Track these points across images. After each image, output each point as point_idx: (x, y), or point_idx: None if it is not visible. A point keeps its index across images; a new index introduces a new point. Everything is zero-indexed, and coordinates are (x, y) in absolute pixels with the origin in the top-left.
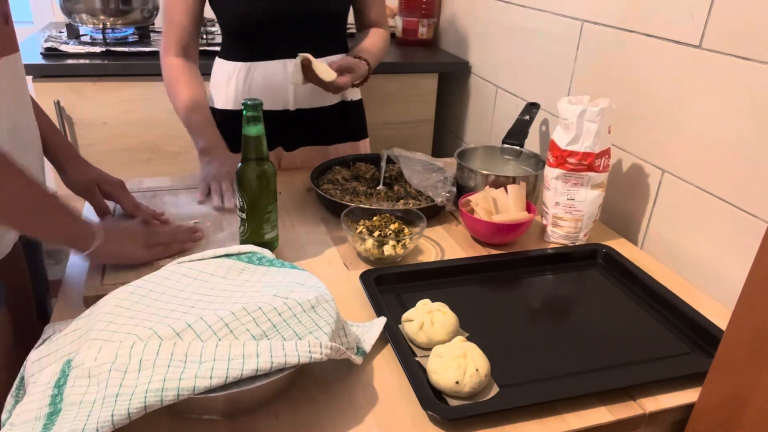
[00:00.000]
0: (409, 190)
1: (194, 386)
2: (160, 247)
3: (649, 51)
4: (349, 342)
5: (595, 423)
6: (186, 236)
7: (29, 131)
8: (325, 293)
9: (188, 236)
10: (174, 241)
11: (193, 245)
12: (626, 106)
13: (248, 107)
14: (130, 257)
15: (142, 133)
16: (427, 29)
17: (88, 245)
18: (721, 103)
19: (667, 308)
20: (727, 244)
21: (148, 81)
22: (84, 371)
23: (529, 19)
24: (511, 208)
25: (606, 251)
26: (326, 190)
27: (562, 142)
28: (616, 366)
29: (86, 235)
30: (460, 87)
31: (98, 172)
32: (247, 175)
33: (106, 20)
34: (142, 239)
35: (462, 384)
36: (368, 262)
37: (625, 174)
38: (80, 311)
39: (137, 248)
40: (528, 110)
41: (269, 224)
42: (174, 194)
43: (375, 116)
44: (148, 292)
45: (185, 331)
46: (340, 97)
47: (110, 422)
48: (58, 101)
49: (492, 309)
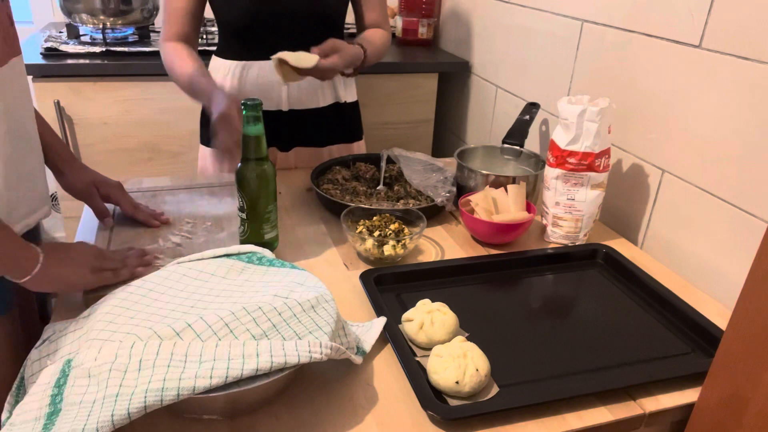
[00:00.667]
0: (409, 190)
1: (194, 386)
2: (108, 272)
3: (649, 51)
4: (349, 342)
5: (595, 423)
6: (136, 261)
7: (32, 133)
8: (325, 293)
9: (139, 261)
10: (124, 266)
11: (144, 270)
12: (626, 106)
13: (248, 107)
14: (75, 283)
15: (142, 133)
16: (427, 29)
17: (27, 271)
18: (721, 103)
19: (667, 308)
20: (727, 244)
21: (148, 81)
22: (84, 371)
23: (529, 19)
24: (511, 208)
25: (606, 251)
26: (326, 190)
27: (562, 142)
28: (616, 366)
29: (25, 259)
30: (460, 87)
31: (96, 175)
32: (247, 175)
33: (106, 20)
34: (88, 263)
35: (462, 384)
36: (368, 262)
37: (625, 174)
38: (80, 311)
39: (83, 273)
40: (528, 110)
41: (269, 224)
42: (174, 194)
43: (375, 116)
44: (148, 291)
45: (185, 331)
46: (333, 98)
47: (110, 422)
48: (58, 101)
49: (492, 309)
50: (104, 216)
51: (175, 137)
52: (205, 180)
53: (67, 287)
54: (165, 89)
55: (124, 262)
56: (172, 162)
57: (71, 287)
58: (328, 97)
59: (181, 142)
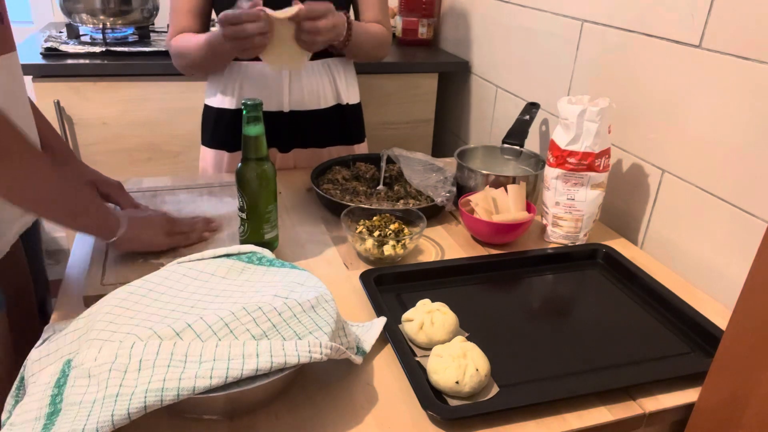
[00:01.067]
0: (409, 190)
1: (194, 386)
2: (180, 235)
3: (649, 51)
4: (349, 342)
5: (595, 423)
6: (204, 226)
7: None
8: (325, 293)
9: (206, 226)
10: (193, 230)
11: (210, 235)
12: (626, 106)
13: (248, 107)
14: (152, 244)
15: (142, 133)
16: (427, 29)
17: (113, 233)
18: (721, 103)
19: (667, 308)
20: (727, 244)
21: (148, 81)
22: (84, 371)
23: (529, 19)
24: (511, 208)
25: (606, 251)
26: (326, 190)
27: (562, 141)
28: (616, 366)
29: (111, 223)
30: (460, 87)
31: (96, 174)
32: (247, 175)
33: (106, 20)
34: (163, 227)
35: (462, 384)
36: (368, 262)
37: (625, 174)
38: (80, 311)
39: (158, 236)
40: (528, 110)
41: (269, 224)
42: (174, 194)
43: (375, 116)
44: (148, 291)
45: (185, 331)
46: (335, 100)
47: (110, 422)
48: (58, 101)
49: (492, 309)
50: None
51: (175, 137)
52: (205, 180)
53: (146, 247)
54: (165, 89)
55: (193, 227)
56: (172, 162)
57: (149, 247)
58: (329, 98)
59: (181, 142)
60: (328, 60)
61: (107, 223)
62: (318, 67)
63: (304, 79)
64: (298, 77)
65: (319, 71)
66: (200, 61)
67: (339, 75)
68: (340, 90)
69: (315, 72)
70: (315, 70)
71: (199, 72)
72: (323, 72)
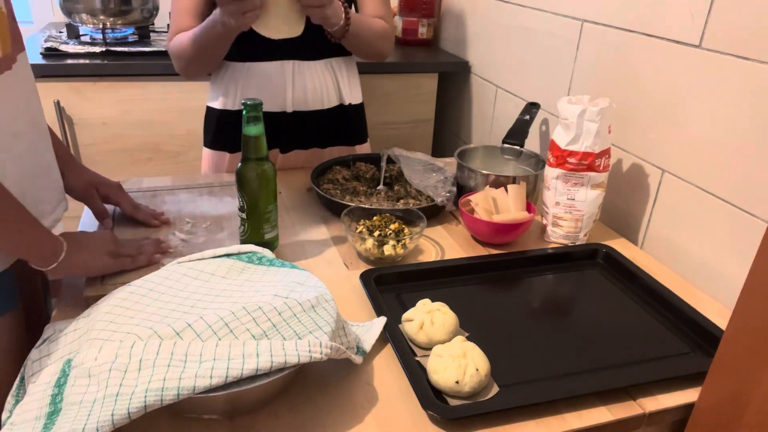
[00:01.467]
0: (409, 190)
1: (194, 386)
2: (126, 258)
3: (649, 51)
4: (349, 342)
5: (595, 423)
6: (154, 248)
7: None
8: (325, 293)
9: (156, 248)
10: (141, 253)
11: (161, 257)
12: (626, 106)
13: (248, 107)
14: (94, 268)
15: (142, 133)
16: (427, 29)
17: (53, 259)
18: (721, 103)
19: (667, 308)
20: (727, 244)
21: (148, 81)
22: (84, 371)
23: (529, 19)
24: (511, 208)
25: (606, 251)
26: (326, 189)
27: (562, 141)
28: (616, 366)
29: (51, 248)
30: (460, 87)
31: (95, 176)
32: (247, 174)
33: (106, 20)
34: (107, 249)
35: (462, 384)
36: (368, 262)
37: (625, 174)
38: (80, 311)
39: (101, 257)
40: (528, 110)
41: (269, 224)
42: (174, 194)
43: (375, 116)
44: (148, 291)
45: (185, 331)
46: (338, 100)
47: (110, 422)
48: (58, 101)
49: (492, 309)
50: (103, 217)
51: (175, 137)
52: (205, 180)
53: (89, 272)
54: (165, 89)
55: (140, 250)
56: (172, 162)
57: (93, 272)
58: (333, 98)
59: (181, 142)
60: (331, 60)
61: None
62: (321, 67)
63: (307, 80)
64: (301, 77)
65: (322, 71)
66: (195, 52)
67: (342, 75)
68: (343, 90)
69: (318, 72)
70: (318, 70)
71: (198, 67)
72: (326, 72)
